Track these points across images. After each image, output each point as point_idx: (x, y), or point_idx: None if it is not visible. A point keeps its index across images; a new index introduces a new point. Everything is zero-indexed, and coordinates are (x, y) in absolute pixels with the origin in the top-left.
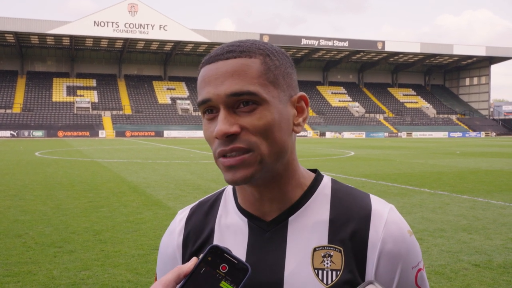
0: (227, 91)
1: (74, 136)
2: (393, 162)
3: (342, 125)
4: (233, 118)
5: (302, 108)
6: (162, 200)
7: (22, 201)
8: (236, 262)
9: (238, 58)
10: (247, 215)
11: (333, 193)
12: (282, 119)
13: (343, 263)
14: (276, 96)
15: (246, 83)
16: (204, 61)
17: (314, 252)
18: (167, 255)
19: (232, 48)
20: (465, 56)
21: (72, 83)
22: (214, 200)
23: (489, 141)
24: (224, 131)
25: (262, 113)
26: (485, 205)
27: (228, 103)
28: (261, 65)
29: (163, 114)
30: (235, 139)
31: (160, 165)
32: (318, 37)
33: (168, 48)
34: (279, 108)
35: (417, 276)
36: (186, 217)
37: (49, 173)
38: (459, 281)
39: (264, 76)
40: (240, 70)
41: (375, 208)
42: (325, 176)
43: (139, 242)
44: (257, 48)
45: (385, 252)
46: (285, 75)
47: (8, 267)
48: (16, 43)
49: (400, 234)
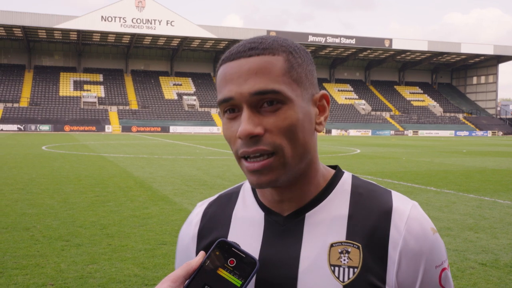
0: (251, 90)
1: (81, 131)
2: (399, 160)
3: (348, 123)
4: (257, 118)
5: (324, 106)
6: (168, 196)
7: (29, 194)
8: (244, 256)
9: (261, 56)
10: (264, 209)
11: (353, 189)
12: (306, 119)
13: (361, 260)
14: (299, 95)
15: (270, 81)
16: (224, 58)
17: (330, 248)
18: (183, 245)
19: (254, 45)
20: (473, 54)
21: (79, 77)
22: (232, 194)
23: (496, 140)
24: (249, 131)
25: (286, 113)
26: (492, 204)
27: (251, 102)
28: (285, 63)
29: (169, 110)
30: (258, 140)
31: (166, 161)
32: (325, 34)
33: (175, 43)
34: (302, 107)
35: (441, 275)
36: (204, 210)
37: (56, 167)
38: (466, 280)
39: (288, 74)
40: (264, 68)
41: (397, 205)
42: (345, 172)
43: (145, 237)
44: (280, 45)
45: (407, 250)
46: (307, 73)
47: (16, 260)
48: (24, 37)
49: (422, 232)
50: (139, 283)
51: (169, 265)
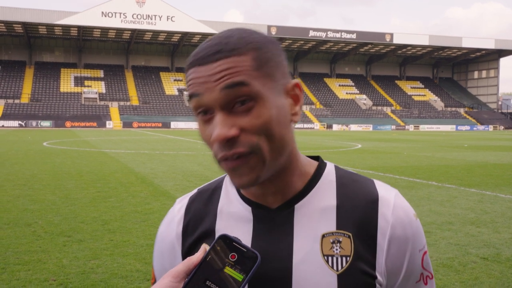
0: (221, 86)
1: (82, 127)
2: (401, 155)
3: (349, 118)
4: (230, 119)
5: (297, 95)
6: (169, 191)
7: (31, 190)
8: (245, 250)
9: (228, 58)
10: (250, 203)
11: (338, 180)
12: (280, 113)
13: (353, 249)
14: (271, 89)
15: (239, 75)
16: (192, 62)
17: (322, 238)
18: (165, 245)
19: (219, 47)
20: (474, 49)
21: (80, 73)
22: (215, 188)
23: (497, 134)
24: (223, 136)
25: (259, 110)
26: (493, 198)
27: (223, 104)
28: (253, 61)
29: (170, 105)
30: (235, 142)
31: (168, 156)
32: (326, 29)
33: (176, 39)
34: (275, 101)
35: (423, 258)
36: (185, 206)
37: (57, 163)
38: (467, 274)
39: (256, 72)
40: (231, 69)
41: (382, 194)
42: (328, 163)
43: (147, 232)
44: (246, 43)
45: (395, 237)
46: (277, 65)
47: (19, 256)
48: (25, 33)
49: (408, 219)
50: (141, 278)
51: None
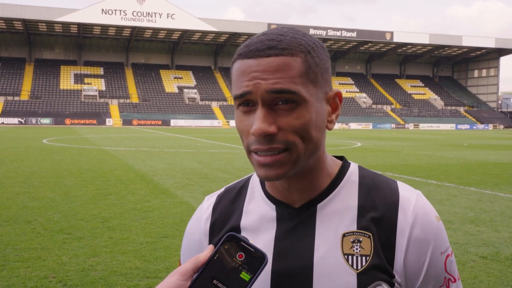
0: (268, 88)
1: (81, 124)
2: (400, 153)
3: (349, 116)
4: (271, 116)
5: (336, 104)
6: (169, 189)
7: (30, 187)
8: (253, 250)
9: (280, 57)
10: (275, 202)
11: (360, 180)
12: (318, 118)
13: (372, 249)
14: (314, 95)
15: (287, 81)
16: (242, 54)
17: (343, 237)
18: (193, 241)
19: (273, 43)
20: (474, 47)
21: (80, 71)
22: (241, 187)
23: (497, 133)
24: (263, 131)
25: (300, 112)
26: (493, 197)
27: (267, 100)
28: (302, 64)
29: (170, 103)
30: (272, 138)
31: (167, 154)
32: (326, 27)
33: (176, 36)
34: (316, 106)
35: (446, 261)
36: (213, 204)
37: (57, 160)
38: (467, 272)
39: (305, 76)
40: (281, 69)
41: (403, 194)
42: (352, 163)
43: (147, 230)
44: (298, 45)
45: (414, 238)
46: (323, 71)
47: (18, 253)
48: (24, 30)
49: (428, 220)
50: (141, 275)
51: (170, 257)
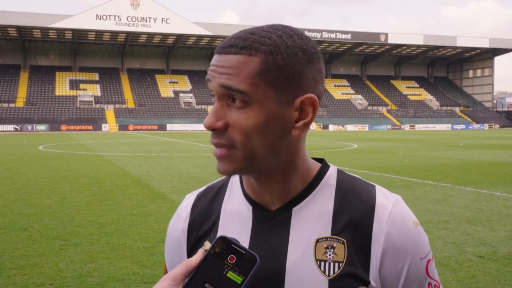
0: (220, 82)
1: (77, 130)
2: (396, 154)
3: (345, 118)
4: (223, 111)
5: (307, 111)
6: (166, 193)
7: (26, 194)
8: (244, 252)
9: (237, 55)
10: (252, 203)
11: (338, 184)
12: (274, 122)
13: (346, 255)
14: (271, 98)
15: (238, 80)
16: (216, 48)
17: (316, 243)
18: (173, 238)
19: (236, 41)
20: (469, 48)
21: (75, 77)
22: (221, 186)
23: (493, 133)
24: (210, 124)
25: (250, 113)
26: (489, 197)
27: (221, 95)
28: (259, 65)
29: (166, 108)
30: (220, 134)
31: (164, 159)
32: (321, 29)
33: (171, 41)
34: (272, 110)
35: (427, 266)
36: (192, 203)
37: (53, 166)
38: (464, 272)
39: (259, 77)
40: (235, 68)
41: (380, 200)
42: (331, 166)
43: (144, 235)
44: (262, 44)
45: (390, 245)
46: (290, 75)
47: (15, 260)
48: (19, 37)
49: (405, 226)
50: (138, 281)
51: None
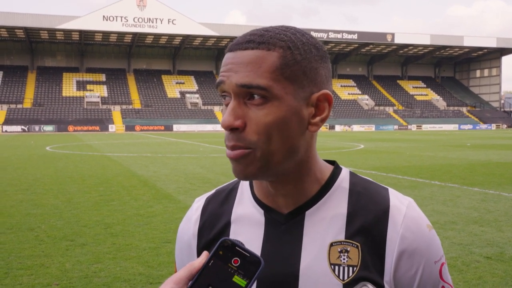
0: (238, 81)
1: (84, 131)
2: (403, 154)
3: (351, 118)
4: (241, 109)
5: (322, 107)
6: (172, 194)
7: (33, 195)
8: (248, 255)
9: (255, 50)
10: (263, 207)
11: (351, 187)
12: (293, 118)
13: (360, 259)
14: (290, 93)
15: (258, 76)
16: (227, 47)
17: (330, 247)
18: (183, 242)
19: (252, 37)
20: (476, 47)
21: (82, 77)
22: (231, 190)
23: (500, 133)
24: (228, 124)
25: (270, 109)
26: (496, 197)
27: (238, 93)
28: (278, 59)
29: (172, 108)
30: (237, 134)
31: (170, 159)
32: (327, 29)
33: (177, 42)
34: (292, 105)
35: (441, 270)
36: (202, 206)
37: (60, 167)
38: (471, 273)
39: (278, 71)
40: (254, 63)
41: (393, 203)
42: (343, 169)
43: (150, 235)
44: (279, 40)
45: (404, 248)
46: (307, 70)
47: (21, 260)
48: (26, 38)
49: (419, 230)
50: (144, 281)
51: (174, 263)
